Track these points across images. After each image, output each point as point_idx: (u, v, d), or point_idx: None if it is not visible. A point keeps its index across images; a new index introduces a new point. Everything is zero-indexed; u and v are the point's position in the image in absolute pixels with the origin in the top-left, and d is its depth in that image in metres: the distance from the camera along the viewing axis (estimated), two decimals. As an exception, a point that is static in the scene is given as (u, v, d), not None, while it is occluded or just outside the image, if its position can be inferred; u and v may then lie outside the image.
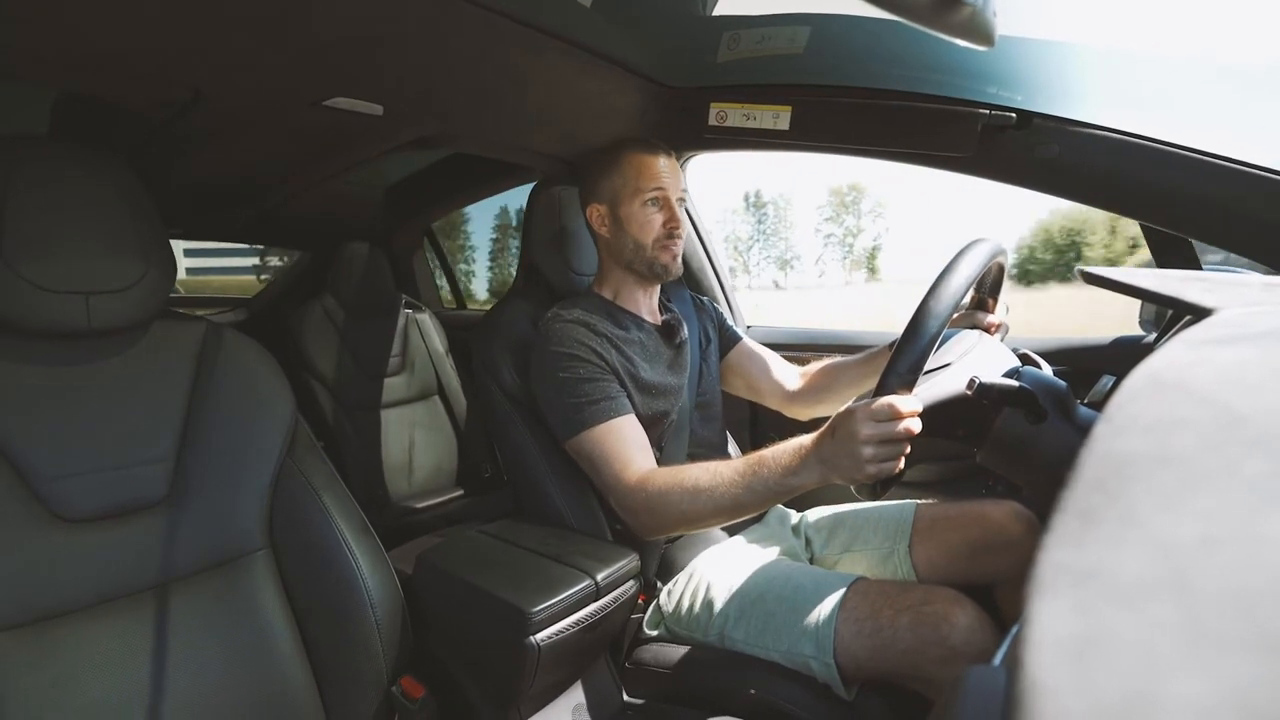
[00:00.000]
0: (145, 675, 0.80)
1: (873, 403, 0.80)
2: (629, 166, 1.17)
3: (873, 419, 0.79)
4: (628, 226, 1.18)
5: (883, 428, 0.79)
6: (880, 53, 1.14)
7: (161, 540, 0.86)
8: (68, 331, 0.82)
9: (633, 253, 1.19)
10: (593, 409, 1.07)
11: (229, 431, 0.92)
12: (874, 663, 0.91)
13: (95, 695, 0.77)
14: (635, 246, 1.19)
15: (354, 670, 0.91)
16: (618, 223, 1.19)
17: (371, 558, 0.93)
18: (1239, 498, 0.19)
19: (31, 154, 0.80)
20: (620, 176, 1.18)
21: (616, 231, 1.20)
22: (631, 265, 1.21)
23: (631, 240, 1.19)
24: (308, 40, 0.94)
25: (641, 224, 1.18)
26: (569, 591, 0.90)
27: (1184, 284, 0.56)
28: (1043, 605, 0.17)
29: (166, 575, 0.85)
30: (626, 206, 1.18)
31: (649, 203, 1.17)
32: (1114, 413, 0.26)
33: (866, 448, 0.79)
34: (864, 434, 0.79)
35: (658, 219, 1.18)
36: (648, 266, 1.20)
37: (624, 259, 1.21)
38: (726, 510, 0.94)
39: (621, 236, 1.19)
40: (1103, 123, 1.06)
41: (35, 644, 0.75)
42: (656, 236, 1.18)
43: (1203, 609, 0.15)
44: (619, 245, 1.20)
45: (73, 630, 0.78)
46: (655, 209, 1.18)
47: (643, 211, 1.17)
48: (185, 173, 1.59)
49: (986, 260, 0.84)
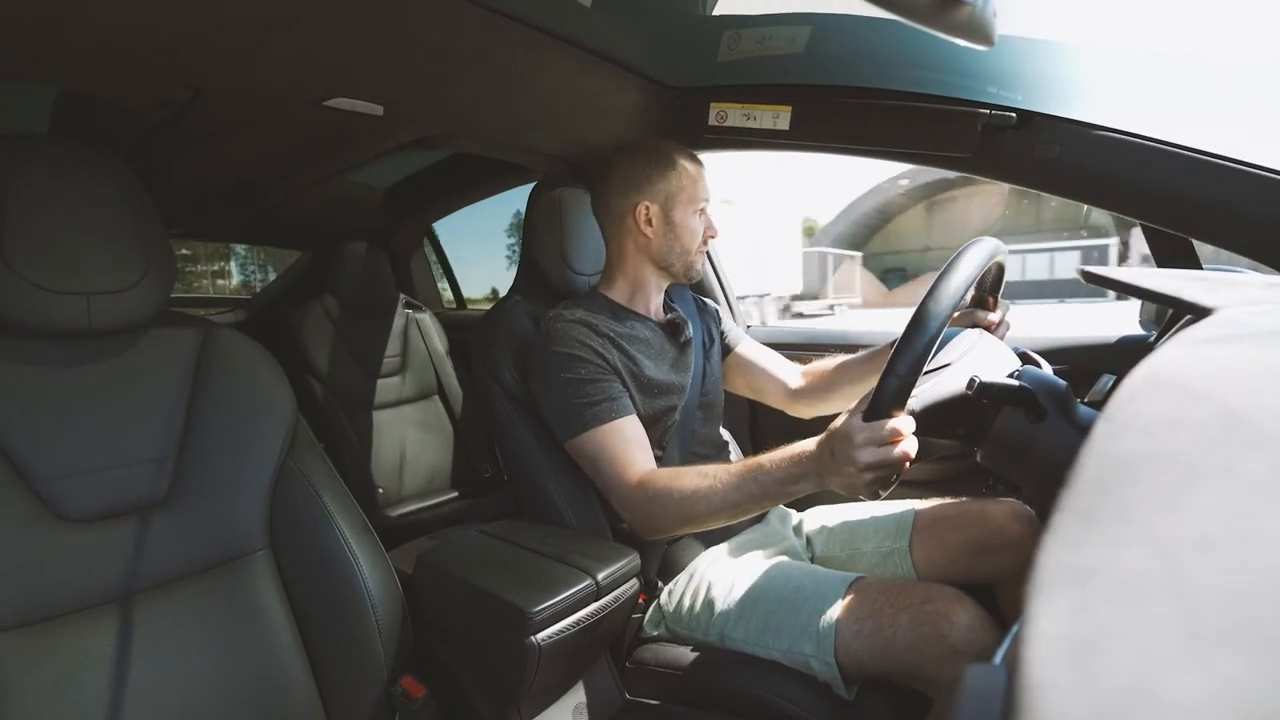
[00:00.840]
0: (145, 675, 0.80)
1: (870, 425, 0.79)
2: (685, 175, 1.22)
3: (872, 444, 0.79)
4: (679, 232, 1.22)
5: (880, 453, 0.79)
6: (881, 53, 1.14)
7: (162, 540, 0.86)
8: (69, 332, 0.82)
9: (677, 256, 1.24)
10: (594, 410, 1.07)
11: (229, 431, 0.92)
12: (874, 661, 0.91)
13: (95, 694, 0.77)
14: (682, 250, 1.23)
15: (354, 670, 0.91)
16: (670, 226, 1.22)
17: (372, 557, 0.93)
18: (1237, 497, 0.19)
19: (32, 154, 0.80)
20: (677, 182, 1.21)
21: (665, 233, 1.22)
22: (669, 266, 1.25)
23: (680, 245, 1.23)
24: (308, 40, 0.94)
25: (693, 231, 1.23)
26: (570, 591, 0.90)
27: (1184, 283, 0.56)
28: (1042, 604, 0.17)
29: (167, 575, 0.85)
30: (682, 213, 1.22)
31: (699, 213, 1.23)
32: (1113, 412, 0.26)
33: (866, 474, 0.80)
34: (862, 460, 0.79)
35: (701, 228, 1.24)
36: (685, 270, 1.25)
37: (662, 259, 1.24)
38: (725, 513, 0.95)
39: (670, 239, 1.23)
40: (1103, 122, 1.06)
41: (36, 643, 0.75)
42: (700, 243, 1.25)
43: (1200, 607, 0.15)
44: (663, 246, 1.23)
45: (73, 630, 0.78)
46: (702, 218, 1.24)
47: (695, 220, 1.23)
48: (185, 173, 1.59)
49: (986, 259, 0.84)
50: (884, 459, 0.79)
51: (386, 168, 2.25)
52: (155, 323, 0.91)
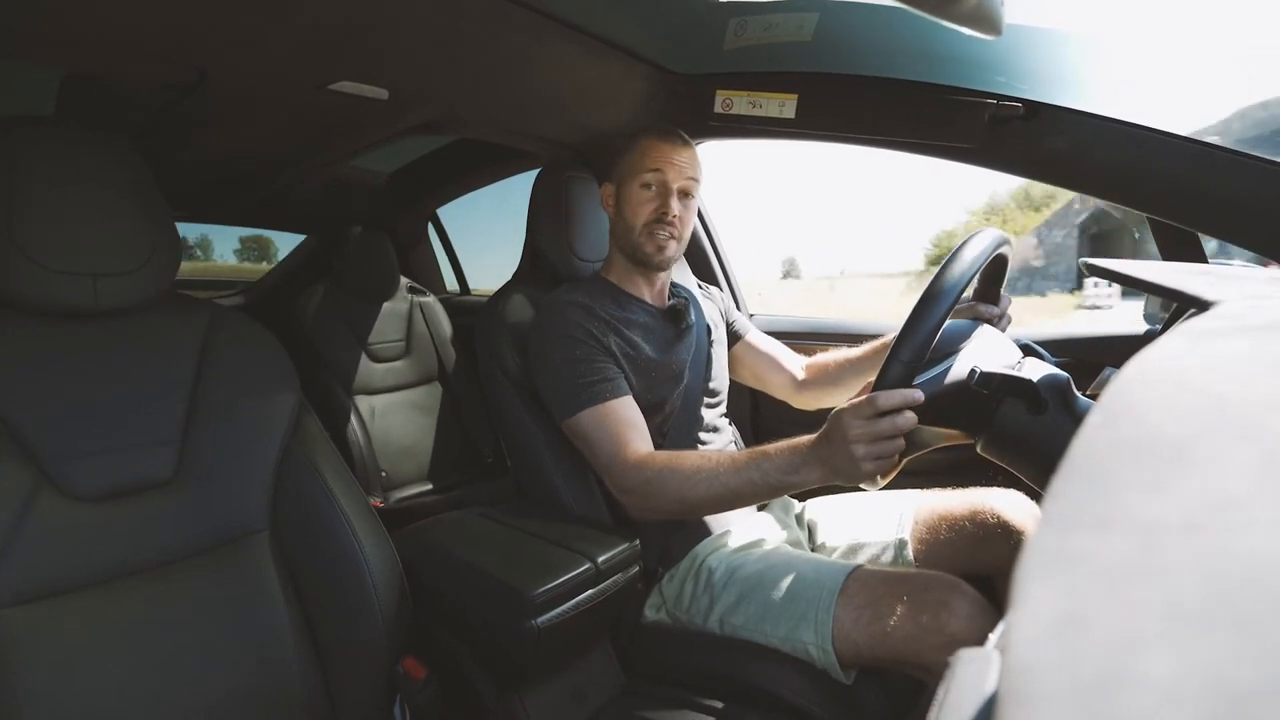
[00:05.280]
0: (150, 652, 0.82)
1: (859, 401, 0.80)
2: (638, 149, 1.18)
3: (859, 417, 0.80)
4: (624, 208, 1.19)
5: (872, 425, 0.79)
6: (888, 42, 1.13)
7: (167, 520, 0.87)
8: (75, 312, 0.83)
9: (624, 235, 1.20)
10: (590, 390, 1.08)
11: (234, 413, 0.93)
12: (873, 649, 0.92)
13: (101, 670, 0.78)
14: (626, 229, 1.19)
15: (356, 651, 0.92)
16: (619, 204, 1.20)
17: (374, 539, 0.94)
18: (1225, 485, 0.19)
19: (38, 136, 0.81)
20: (629, 158, 1.19)
21: (617, 213, 1.21)
22: (622, 248, 1.22)
23: (624, 222, 1.19)
24: (313, 23, 0.94)
25: (635, 206, 1.17)
26: (569, 574, 0.91)
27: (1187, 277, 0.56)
28: (1029, 588, 0.18)
29: (172, 555, 0.86)
30: (627, 188, 1.18)
31: (644, 186, 1.17)
32: (1107, 401, 0.26)
33: (858, 446, 0.80)
34: (854, 434, 0.80)
35: (650, 204, 1.17)
36: (633, 251, 1.19)
37: (618, 240, 1.22)
38: (723, 499, 0.96)
39: (619, 218, 1.20)
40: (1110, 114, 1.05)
41: (44, 620, 0.76)
42: (645, 221, 1.17)
43: (1182, 590, 0.16)
44: (617, 227, 1.22)
45: (80, 607, 0.79)
46: (650, 193, 1.17)
47: (638, 194, 1.17)
48: (190, 156, 1.59)
49: (989, 250, 0.84)
50: (877, 431, 0.79)
51: (391, 152, 2.25)
52: (161, 305, 0.92)
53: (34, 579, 0.76)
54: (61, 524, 0.79)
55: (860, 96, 1.22)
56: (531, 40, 1.08)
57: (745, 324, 1.46)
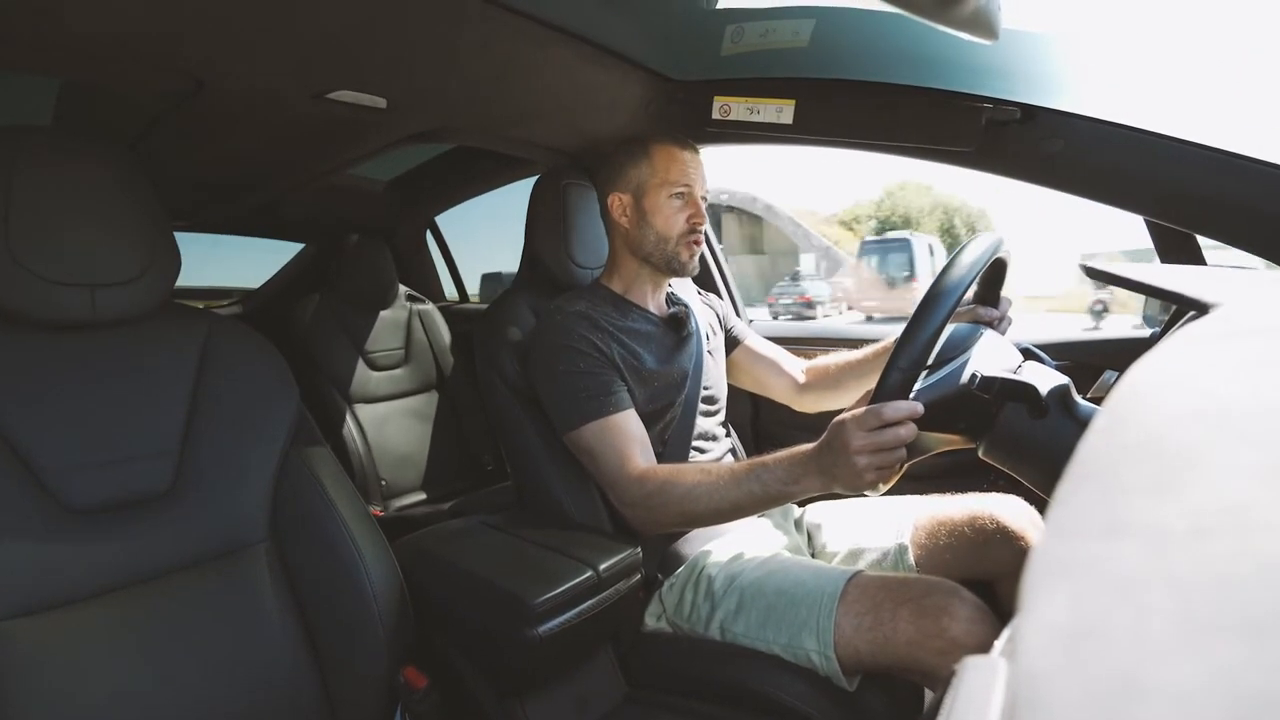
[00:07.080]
0: (150, 664, 0.81)
1: (862, 412, 0.80)
2: (658, 158, 1.17)
3: (862, 428, 0.80)
4: (652, 219, 1.18)
5: (874, 436, 0.79)
6: (885, 46, 1.13)
7: (166, 531, 0.86)
8: (73, 323, 0.83)
9: (654, 245, 1.19)
10: (592, 403, 1.07)
11: (233, 423, 0.93)
12: (875, 655, 0.92)
13: (101, 683, 0.78)
14: (658, 239, 1.19)
15: (357, 660, 0.92)
16: (641, 214, 1.19)
17: (374, 549, 0.93)
18: (1230, 489, 0.19)
19: (36, 146, 0.81)
20: (649, 167, 1.18)
21: (639, 223, 1.20)
22: (650, 258, 1.21)
23: (654, 233, 1.18)
24: (310, 32, 0.94)
25: (667, 217, 1.18)
26: (571, 583, 0.91)
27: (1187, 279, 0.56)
28: (1037, 595, 0.18)
29: (171, 566, 0.86)
30: (652, 198, 1.18)
31: (675, 196, 1.17)
32: (1112, 406, 0.26)
33: (860, 457, 0.80)
34: (855, 444, 0.80)
35: (683, 214, 1.18)
36: (667, 262, 1.20)
37: (643, 251, 1.21)
38: (725, 512, 0.96)
39: (644, 228, 1.19)
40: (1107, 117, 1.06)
41: (42, 632, 0.76)
42: (681, 231, 1.18)
43: (1194, 596, 0.16)
44: (639, 237, 1.20)
45: (79, 619, 0.78)
46: (680, 203, 1.18)
47: (669, 204, 1.17)
48: (188, 165, 1.59)
49: (989, 254, 0.84)
50: (879, 442, 0.79)
51: (389, 160, 2.24)
52: (159, 315, 0.91)
53: (32, 592, 0.76)
54: (60, 536, 0.79)
55: (857, 101, 1.22)
56: (529, 48, 1.08)
57: (744, 329, 1.46)
